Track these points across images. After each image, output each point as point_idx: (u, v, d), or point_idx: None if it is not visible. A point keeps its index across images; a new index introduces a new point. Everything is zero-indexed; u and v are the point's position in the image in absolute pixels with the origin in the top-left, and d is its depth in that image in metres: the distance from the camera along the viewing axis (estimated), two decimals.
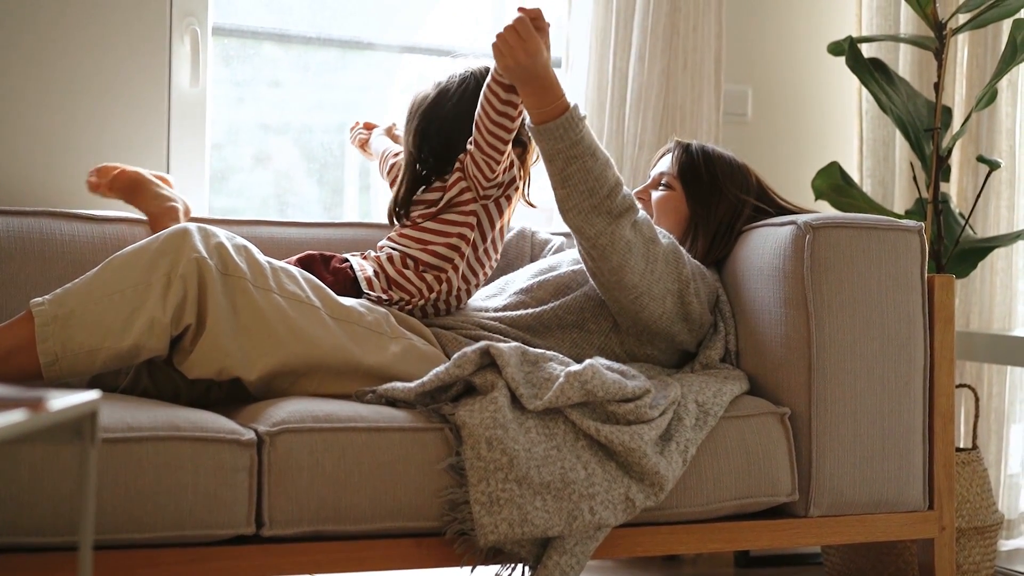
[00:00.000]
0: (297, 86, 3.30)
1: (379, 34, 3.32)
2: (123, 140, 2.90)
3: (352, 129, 3.05)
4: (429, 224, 2.53)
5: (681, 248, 2.53)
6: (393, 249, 2.54)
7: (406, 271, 2.49)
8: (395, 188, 2.61)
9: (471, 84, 2.53)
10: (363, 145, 3.02)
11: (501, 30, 2.32)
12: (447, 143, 2.53)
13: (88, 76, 2.87)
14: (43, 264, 2.55)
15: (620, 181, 2.40)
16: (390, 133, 2.98)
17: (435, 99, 2.56)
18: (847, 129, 3.62)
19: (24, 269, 2.54)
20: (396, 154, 2.83)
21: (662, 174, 2.74)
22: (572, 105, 2.35)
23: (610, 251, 2.40)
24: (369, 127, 3.03)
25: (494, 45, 2.32)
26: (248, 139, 3.27)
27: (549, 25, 2.35)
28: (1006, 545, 3.50)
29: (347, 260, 2.51)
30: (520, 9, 2.33)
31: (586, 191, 2.36)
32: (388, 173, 2.83)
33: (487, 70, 2.48)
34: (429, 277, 2.49)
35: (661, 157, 2.79)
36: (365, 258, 2.54)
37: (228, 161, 3.24)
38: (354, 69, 3.39)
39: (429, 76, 2.63)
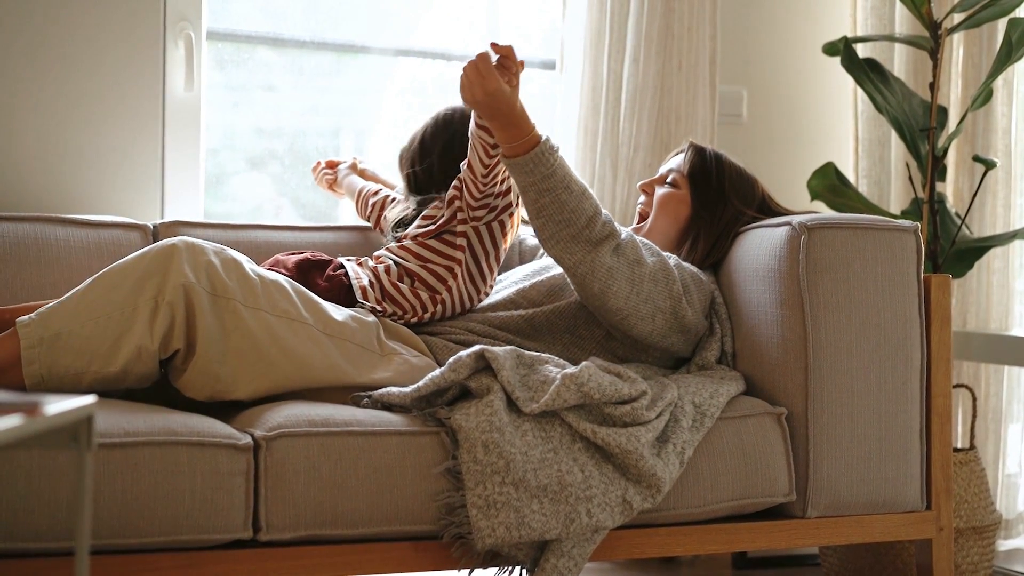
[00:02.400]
0: (292, 90, 3.30)
1: (373, 38, 3.32)
2: (118, 145, 2.89)
3: (315, 170, 3.06)
4: (430, 242, 2.52)
5: (670, 263, 2.50)
6: (392, 261, 2.53)
7: (401, 285, 2.48)
8: (400, 207, 2.65)
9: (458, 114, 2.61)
10: (331, 186, 3.03)
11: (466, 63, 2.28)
12: (444, 163, 2.57)
13: (82, 81, 2.86)
14: (38, 269, 2.55)
15: (598, 210, 2.37)
16: (356, 169, 2.99)
17: (432, 124, 2.64)
18: (842, 130, 3.62)
19: (20, 274, 2.53)
20: (376, 192, 2.85)
21: (671, 171, 2.73)
22: (543, 139, 2.32)
23: (590, 279, 2.39)
24: (332, 165, 3.04)
25: (460, 77, 2.29)
26: (243, 143, 3.27)
27: (522, 63, 2.30)
28: (1004, 545, 3.50)
29: (343, 266, 2.50)
30: (491, 44, 2.29)
31: (561, 222, 2.35)
32: (369, 212, 2.84)
33: None
34: (424, 295, 2.48)
35: (674, 156, 2.78)
36: (361, 265, 2.53)
37: (223, 165, 3.24)
38: (349, 73, 3.38)
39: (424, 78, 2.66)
